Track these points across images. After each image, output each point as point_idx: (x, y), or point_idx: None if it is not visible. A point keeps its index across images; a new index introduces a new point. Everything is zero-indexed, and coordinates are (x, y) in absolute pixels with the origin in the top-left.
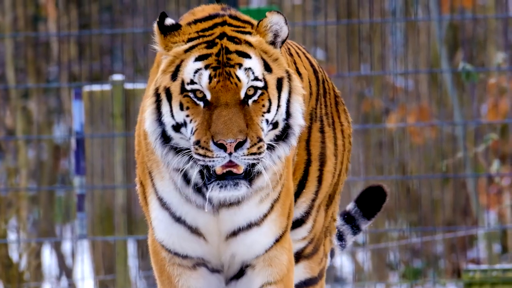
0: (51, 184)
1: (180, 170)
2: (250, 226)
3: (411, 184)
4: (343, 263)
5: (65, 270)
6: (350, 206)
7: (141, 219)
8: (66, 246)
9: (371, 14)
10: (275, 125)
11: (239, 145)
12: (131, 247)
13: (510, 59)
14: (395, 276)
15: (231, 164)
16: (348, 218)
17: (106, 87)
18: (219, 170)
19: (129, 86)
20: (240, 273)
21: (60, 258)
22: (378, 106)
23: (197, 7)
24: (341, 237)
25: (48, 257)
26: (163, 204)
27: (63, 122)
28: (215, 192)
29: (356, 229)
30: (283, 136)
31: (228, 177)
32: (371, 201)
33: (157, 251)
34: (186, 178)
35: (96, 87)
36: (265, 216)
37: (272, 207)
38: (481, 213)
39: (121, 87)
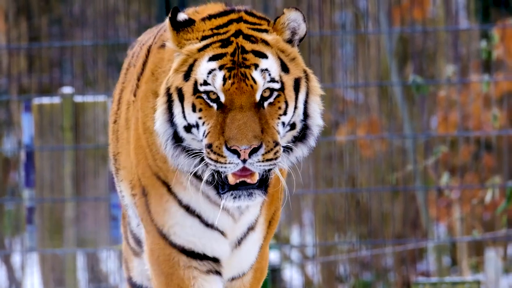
0: (0, 197)
1: (192, 172)
2: (248, 230)
3: (360, 197)
4: (292, 275)
5: (15, 283)
6: None
7: (90, 232)
8: (16, 259)
9: (321, 26)
10: (292, 126)
11: (253, 151)
12: (81, 260)
13: (460, 71)
14: None
15: (244, 173)
16: None
17: (56, 99)
18: (232, 180)
19: (78, 98)
20: None
21: (10, 270)
22: (328, 119)
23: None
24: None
25: None
26: (192, 212)
27: (13, 135)
28: (229, 203)
29: None
30: (301, 137)
31: (242, 187)
32: None
33: (166, 259)
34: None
35: (45, 100)
36: (258, 218)
37: (260, 208)
38: (430, 226)
39: (70, 100)
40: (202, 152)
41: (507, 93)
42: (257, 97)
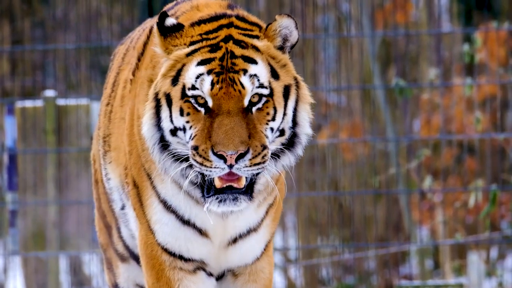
0: None
1: (184, 173)
2: (249, 232)
3: (343, 200)
4: (275, 279)
5: None
6: None
7: (73, 235)
8: None
9: (304, 29)
10: (281, 132)
11: (240, 157)
12: (63, 263)
13: (442, 75)
14: None
15: (231, 177)
16: None
17: (39, 103)
18: (218, 184)
19: (61, 102)
20: (221, 276)
21: None
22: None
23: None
24: None
25: None
26: (168, 207)
27: None
28: (214, 207)
29: None
30: (288, 145)
31: (228, 191)
32: None
33: (155, 255)
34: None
35: (28, 103)
36: (261, 221)
37: (267, 212)
38: (413, 229)
39: (53, 103)
40: (188, 154)
41: (489, 97)
42: (245, 102)
